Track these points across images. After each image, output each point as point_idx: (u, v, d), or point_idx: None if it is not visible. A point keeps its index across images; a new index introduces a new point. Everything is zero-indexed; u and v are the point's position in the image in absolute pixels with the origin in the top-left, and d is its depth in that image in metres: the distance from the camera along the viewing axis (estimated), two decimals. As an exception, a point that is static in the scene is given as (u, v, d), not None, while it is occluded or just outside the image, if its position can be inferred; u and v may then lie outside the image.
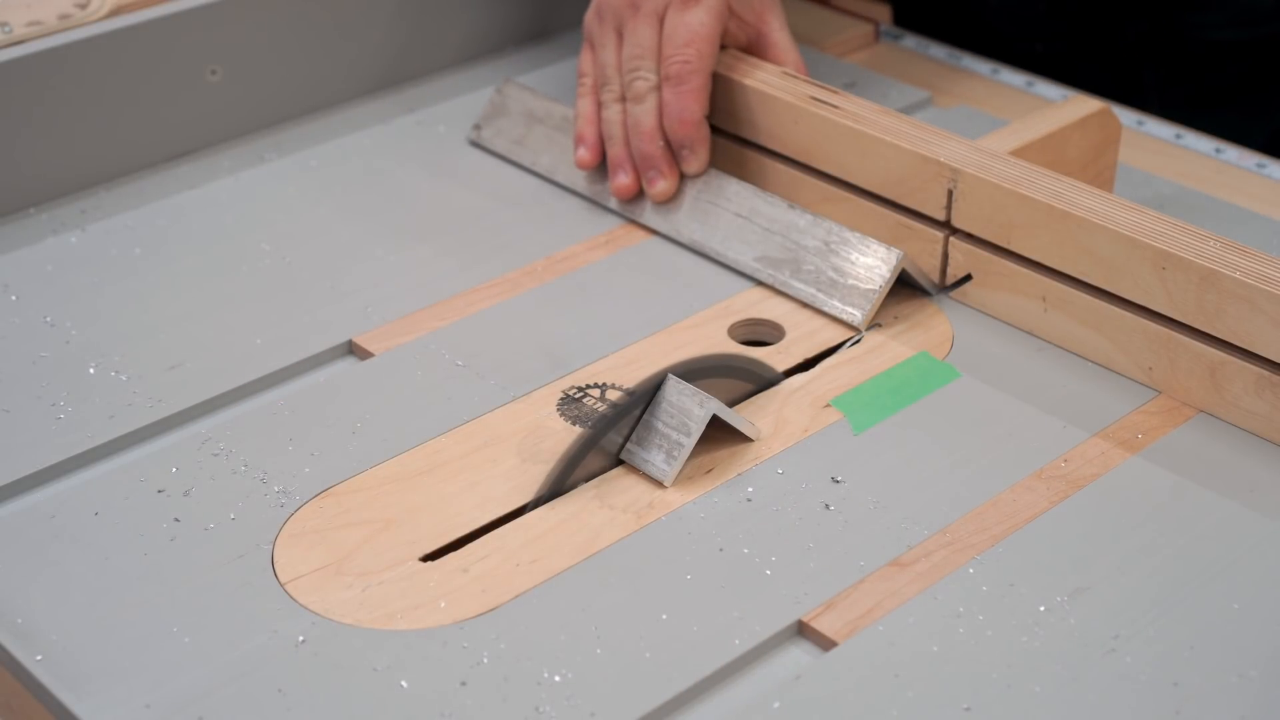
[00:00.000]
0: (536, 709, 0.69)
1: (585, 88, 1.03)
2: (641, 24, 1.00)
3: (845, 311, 0.91)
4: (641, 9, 1.00)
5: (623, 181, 1.00)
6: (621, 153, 1.00)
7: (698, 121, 0.98)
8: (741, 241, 0.96)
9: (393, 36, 1.14)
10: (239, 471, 0.81)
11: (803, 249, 0.94)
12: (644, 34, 0.99)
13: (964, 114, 1.10)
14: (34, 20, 1.03)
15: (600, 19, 1.02)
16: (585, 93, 1.03)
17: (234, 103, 1.08)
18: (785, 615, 0.73)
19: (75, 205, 1.03)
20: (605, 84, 1.01)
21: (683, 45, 0.98)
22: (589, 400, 0.86)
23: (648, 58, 0.99)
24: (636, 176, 1.00)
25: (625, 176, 1.00)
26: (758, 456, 0.82)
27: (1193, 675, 0.70)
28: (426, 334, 0.91)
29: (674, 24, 0.98)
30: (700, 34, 0.98)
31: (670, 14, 0.99)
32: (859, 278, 0.91)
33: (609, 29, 1.01)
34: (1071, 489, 0.80)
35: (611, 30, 1.01)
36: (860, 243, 0.92)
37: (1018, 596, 0.74)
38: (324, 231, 1.00)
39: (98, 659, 0.71)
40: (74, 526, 0.78)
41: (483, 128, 1.08)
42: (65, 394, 0.86)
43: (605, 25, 1.02)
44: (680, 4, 0.99)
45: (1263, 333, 0.81)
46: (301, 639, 0.72)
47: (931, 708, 0.69)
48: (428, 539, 0.77)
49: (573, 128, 1.03)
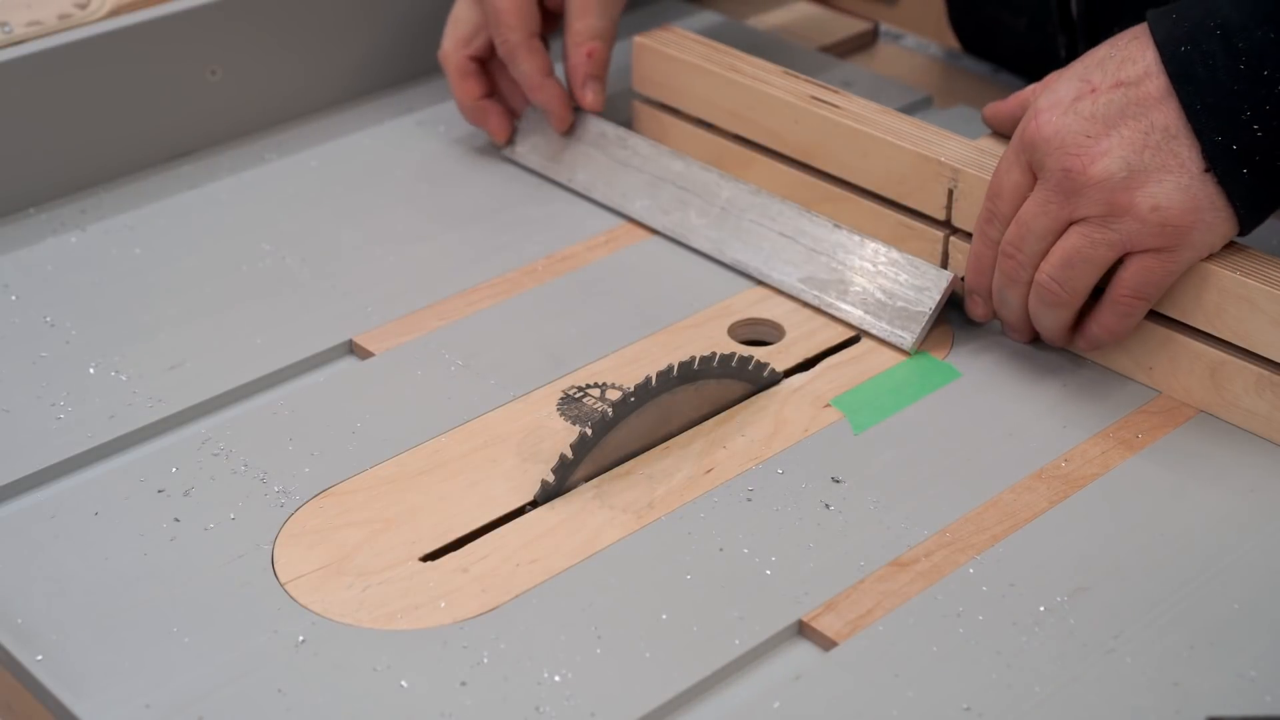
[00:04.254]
0: (536, 709, 0.69)
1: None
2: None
3: (895, 335, 0.89)
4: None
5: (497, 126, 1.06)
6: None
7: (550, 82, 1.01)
8: (786, 262, 0.94)
9: (392, 36, 1.14)
10: (239, 471, 0.81)
11: (849, 269, 0.92)
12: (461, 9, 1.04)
13: (964, 114, 1.10)
14: (34, 20, 1.03)
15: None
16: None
17: (234, 103, 1.08)
18: (785, 615, 0.73)
19: (75, 205, 1.03)
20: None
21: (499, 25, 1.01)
22: (589, 400, 0.86)
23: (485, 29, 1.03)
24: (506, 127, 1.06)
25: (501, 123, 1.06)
26: (758, 456, 0.82)
27: (1193, 675, 0.70)
28: (426, 334, 0.91)
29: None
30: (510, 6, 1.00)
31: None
32: (908, 300, 0.89)
33: None
34: (1071, 489, 0.80)
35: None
36: (909, 264, 0.90)
37: (1018, 596, 0.74)
38: (324, 231, 1.00)
39: (98, 659, 0.71)
40: (74, 526, 0.78)
41: (516, 143, 1.07)
42: (65, 394, 0.86)
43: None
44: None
45: (1263, 332, 0.81)
46: (301, 639, 0.72)
47: (931, 708, 0.69)
48: (428, 539, 0.77)
49: (610, 144, 1.02)
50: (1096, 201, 0.80)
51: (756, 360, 0.86)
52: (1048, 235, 0.82)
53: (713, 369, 0.84)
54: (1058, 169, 0.81)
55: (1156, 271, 0.81)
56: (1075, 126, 0.80)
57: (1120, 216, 0.80)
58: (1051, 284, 0.83)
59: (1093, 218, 0.80)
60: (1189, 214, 0.79)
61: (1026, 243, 0.83)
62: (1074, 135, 0.80)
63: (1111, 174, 0.79)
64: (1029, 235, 0.83)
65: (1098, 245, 0.81)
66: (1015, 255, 0.84)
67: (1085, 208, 0.80)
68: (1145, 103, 0.79)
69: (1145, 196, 0.79)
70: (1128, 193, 0.79)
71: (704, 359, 0.83)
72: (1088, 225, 0.81)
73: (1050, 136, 0.81)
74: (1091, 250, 0.81)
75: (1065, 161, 0.80)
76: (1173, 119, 0.79)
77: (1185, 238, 0.80)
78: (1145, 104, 0.79)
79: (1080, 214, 0.81)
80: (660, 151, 1.01)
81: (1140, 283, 0.81)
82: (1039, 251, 0.83)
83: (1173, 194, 0.79)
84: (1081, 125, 0.80)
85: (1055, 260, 0.82)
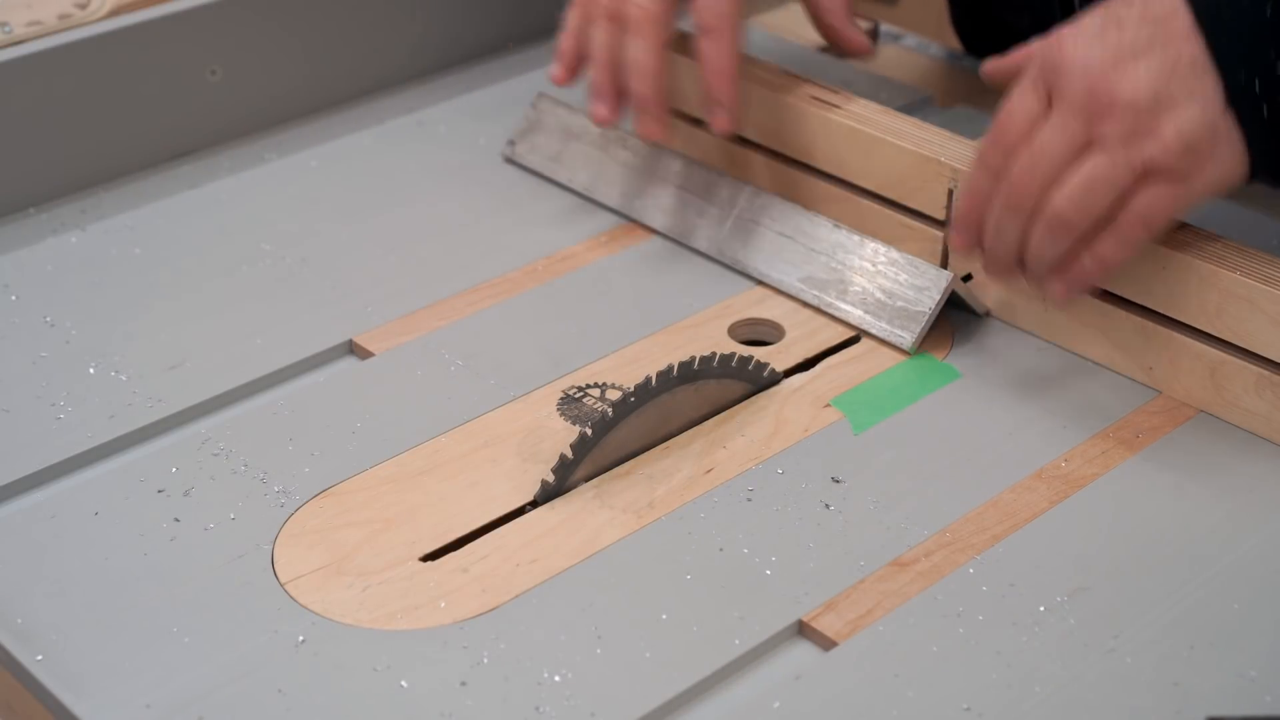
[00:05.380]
0: (536, 709, 0.69)
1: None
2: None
3: (894, 335, 0.89)
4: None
5: (601, 112, 0.94)
6: (605, 79, 0.93)
7: (735, 76, 0.92)
8: (786, 262, 0.94)
9: (392, 37, 1.14)
10: (239, 471, 0.81)
11: (849, 269, 0.92)
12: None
13: (964, 114, 1.10)
14: (34, 20, 1.03)
15: None
16: (577, 4, 0.95)
17: (234, 103, 1.08)
18: (785, 615, 0.73)
19: (75, 205, 1.03)
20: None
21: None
22: (589, 400, 0.86)
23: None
24: (616, 108, 0.93)
25: (604, 107, 0.94)
26: (758, 456, 0.82)
27: (1193, 675, 0.70)
28: (426, 334, 0.91)
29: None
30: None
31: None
32: (908, 299, 0.89)
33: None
34: (1071, 489, 0.80)
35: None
36: (909, 264, 0.90)
37: (1018, 596, 0.74)
38: (324, 231, 1.00)
39: (98, 659, 0.71)
40: (74, 526, 0.78)
41: (517, 143, 1.06)
42: (65, 394, 0.86)
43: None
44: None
45: (1263, 332, 0.81)
46: (301, 639, 0.72)
47: (931, 708, 0.69)
48: (428, 539, 0.77)
49: (611, 145, 1.00)
50: (1121, 122, 0.78)
51: (756, 360, 0.86)
52: (1063, 159, 0.80)
53: (713, 369, 0.84)
54: (1081, 90, 0.79)
55: (1168, 199, 0.79)
56: (1102, 53, 0.79)
57: (1145, 138, 0.78)
58: (1068, 207, 0.80)
59: (1115, 140, 0.79)
60: (1209, 142, 0.78)
61: (1040, 167, 0.80)
62: (1100, 60, 0.79)
63: (1139, 96, 0.78)
64: (1043, 159, 0.80)
65: (1119, 167, 0.79)
66: (1025, 181, 0.81)
67: (1109, 128, 0.79)
68: (1172, 37, 0.79)
69: (1171, 120, 0.78)
70: (1154, 116, 0.78)
71: (704, 359, 0.83)
72: (1110, 147, 0.79)
73: (1076, 59, 0.79)
74: (1113, 172, 0.79)
75: (1091, 83, 0.79)
76: (1199, 53, 0.78)
77: (1203, 166, 0.79)
78: (1172, 38, 0.79)
79: (1102, 135, 0.79)
80: (660, 151, 1.01)
81: (1150, 210, 0.80)
82: (1050, 177, 0.80)
83: (1198, 120, 0.78)
84: (1109, 52, 0.79)
85: (1076, 183, 0.80)
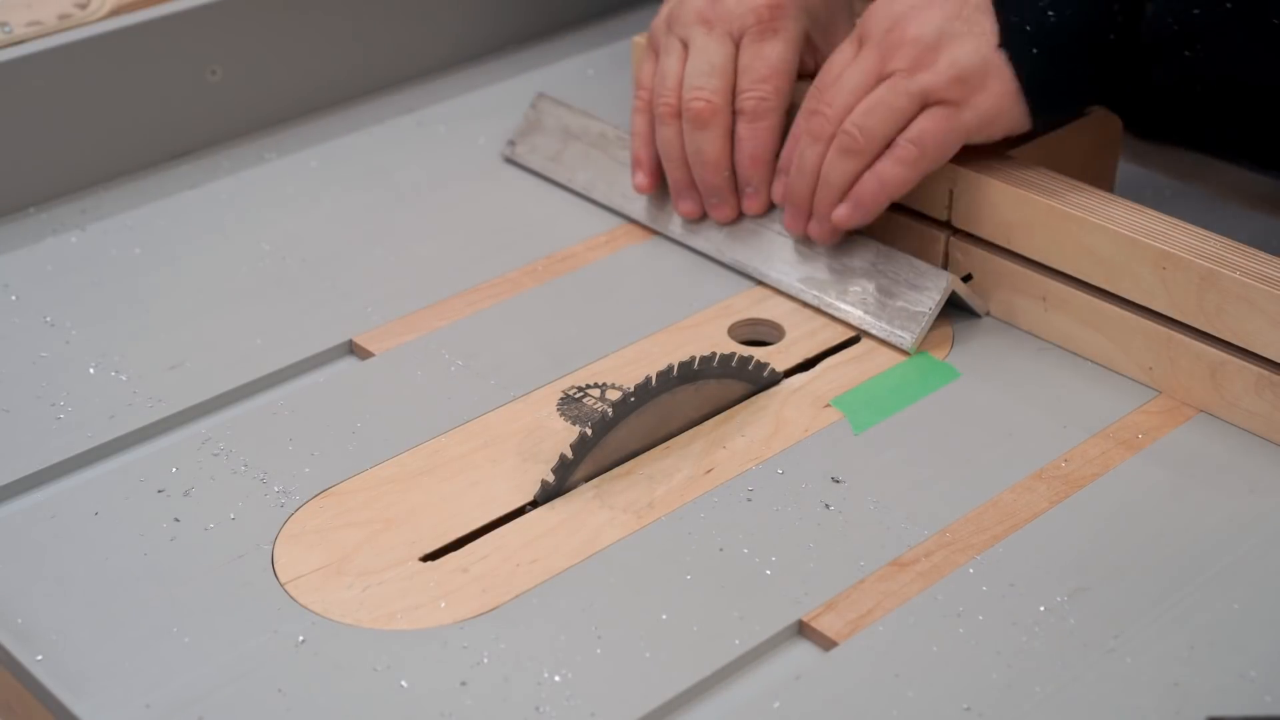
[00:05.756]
0: (536, 709, 0.69)
1: (642, 101, 0.98)
2: (713, 41, 0.94)
3: (894, 335, 0.89)
4: (715, 26, 0.94)
5: (689, 207, 0.97)
6: (683, 176, 0.96)
7: (769, 161, 0.95)
8: (786, 262, 0.94)
9: (392, 36, 1.14)
10: (239, 471, 0.81)
11: (849, 269, 0.92)
12: (714, 52, 0.94)
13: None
14: (34, 20, 1.03)
15: (669, 27, 0.97)
16: (642, 107, 0.98)
17: (234, 103, 1.08)
18: (785, 615, 0.73)
19: (75, 205, 1.03)
20: (661, 97, 0.95)
21: (760, 80, 0.93)
22: (589, 400, 0.86)
23: (715, 77, 0.94)
24: (700, 200, 0.97)
25: (691, 203, 0.97)
26: (758, 456, 0.82)
27: (1193, 675, 0.70)
28: (426, 334, 0.91)
29: (751, 55, 0.94)
30: (779, 69, 0.94)
31: (747, 42, 0.94)
32: (908, 300, 0.90)
33: (675, 40, 0.96)
34: (1071, 489, 0.80)
35: (678, 41, 0.96)
36: (908, 264, 0.90)
37: (1018, 596, 0.74)
38: (324, 231, 1.00)
39: (98, 659, 0.71)
40: (74, 526, 0.78)
41: (517, 143, 1.06)
42: (65, 394, 0.86)
43: (672, 35, 0.97)
44: (758, 32, 0.94)
45: (1263, 333, 0.81)
46: (301, 639, 0.72)
47: (931, 708, 0.69)
48: (428, 539, 0.77)
49: (610, 144, 1.01)
50: (906, 57, 0.88)
51: (756, 360, 0.86)
52: (858, 90, 0.89)
53: (713, 369, 0.84)
54: (880, 31, 0.89)
55: (941, 124, 0.87)
56: (907, 2, 0.89)
57: (923, 69, 0.87)
58: (852, 128, 0.88)
59: (900, 71, 0.88)
60: (979, 74, 0.87)
61: (838, 97, 0.89)
62: (903, 7, 0.89)
63: (924, 34, 0.88)
64: (841, 90, 0.89)
65: (899, 94, 0.87)
66: (824, 110, 0.90)
67: (896, 62, 0.88)
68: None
69: (946, 54, 0.87)
70: (934, 51, 0.87)
71: (704, 359, 0.83)
72: (894, 78, 0.88)
73: (882, 8, 0.90)
74: (892, 98, 0.88)
75: (890, 24, 0.89)
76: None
77: (973, 96, 0.87)
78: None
79: (890, 68, 0.88)
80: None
81: (923, 134, 0.88)
82: (849, 106, 0.89)
83: (970, 55, 0.87)
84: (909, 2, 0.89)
85: (861, 107, 0.88)
